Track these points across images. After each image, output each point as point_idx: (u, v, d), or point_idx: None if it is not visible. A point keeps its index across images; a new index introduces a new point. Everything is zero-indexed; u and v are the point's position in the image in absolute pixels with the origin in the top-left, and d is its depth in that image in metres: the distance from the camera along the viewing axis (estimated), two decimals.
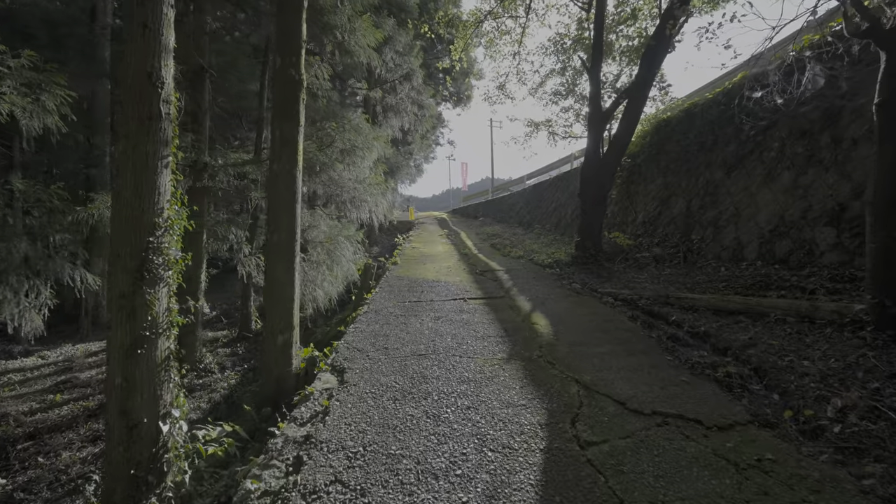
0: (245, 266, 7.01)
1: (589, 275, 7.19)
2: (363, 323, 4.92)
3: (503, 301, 5.77)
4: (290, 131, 4.60)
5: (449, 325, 4.71)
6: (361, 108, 12.35)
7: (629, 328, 4.42)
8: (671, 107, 9.29)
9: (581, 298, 5.77)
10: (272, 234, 4.48)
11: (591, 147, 8.04)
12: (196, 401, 6.15)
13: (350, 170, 7.15)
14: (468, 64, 19.84)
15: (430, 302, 5.83)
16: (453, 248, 11.90)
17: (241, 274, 7.05)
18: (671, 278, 6.19)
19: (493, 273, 7.84)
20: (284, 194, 4.51)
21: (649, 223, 8.51)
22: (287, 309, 4.41)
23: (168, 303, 2.69)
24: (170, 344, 2.74)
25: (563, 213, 13.48)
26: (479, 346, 4.00)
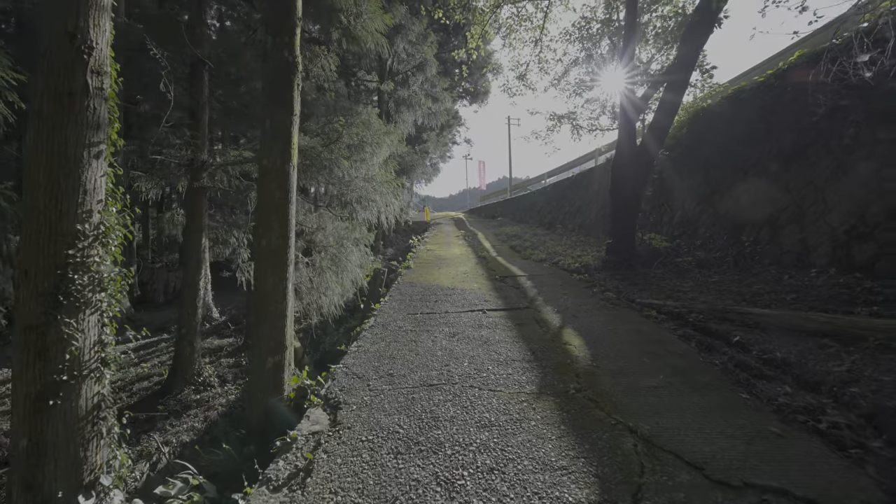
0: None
1: (623, 282, 6.41)
2: (367, 341, 4.29)
3: (527, 313, 5.06)
4: (282, 121, 4.01)
5: (465, 345, 4.04)
6: (373, 104, 11.80)
7: (683, 352, 3.66)
8: (711, 93, 8.39)
9: (618, 311, 5.01)
10: (260, 238, 3.90)
11: (624, 139, 7.24)
12: (191, 420, 5.65)
13: (358, 167, 6.57)
14: (485, 56, 19.11)
15: (445, 314, 5.17)
16: (470, 251, 11.22)
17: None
18: (722, 287, 5.37)
19: (514, 279, 7.12)
20: (275, 193, 3.92)
21: (688, 223, 7.65)
22: (278, 327, 3.81)
23: (99, 334, 2.12)
24: (100, 389, 2.16)
25: (587, 213, 12.64)
26: (502, 375, 3.31)
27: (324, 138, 6.95)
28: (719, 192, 7.15)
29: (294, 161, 4.10)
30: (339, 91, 9.26)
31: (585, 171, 14.00)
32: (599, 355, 3.63)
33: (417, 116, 13.18)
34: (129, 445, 5.11)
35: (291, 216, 4.02)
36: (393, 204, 7.05)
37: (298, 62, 4.16)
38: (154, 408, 5.97)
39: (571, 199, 14.37)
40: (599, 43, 9.71)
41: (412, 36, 10.75)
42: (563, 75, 10.62)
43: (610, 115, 10.55)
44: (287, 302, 3.90)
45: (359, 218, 6.76)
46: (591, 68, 10.41)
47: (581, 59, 10.45)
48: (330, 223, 7.51)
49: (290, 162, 4.03)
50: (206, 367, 6.84)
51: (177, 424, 5.51)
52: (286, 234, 3.94)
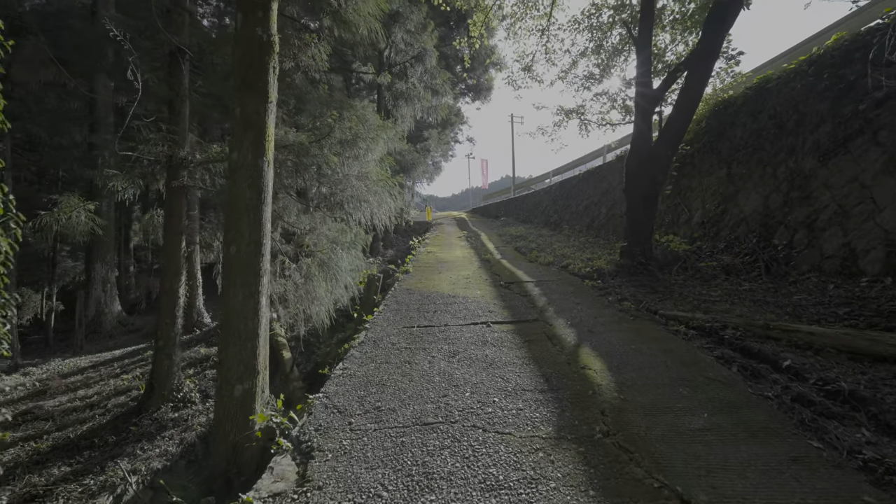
0: None
1: (641, 289, 5.83)
2: (355, 361, 3.74)
3: (537, 326, 4.50)
4: (254, 109, 3.47)
5: (467, 368, 3.48)
6: (371, 99, 11.24)
7: (726, 379, 3.09)
8: (733, 84, 7.79)
9: (639, 324, 4.43)
10: (228, 245, 3.35)
11: (640, 134, 6.66)
12: (165, 442, 5.13)
13: (351, 164, 6.02)
14: (488, 49, 18.47)
15: (444, 327, 4.61)
16: (473, 253, 10.66)
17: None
18: (755, 297, 4.79)
19: (520, 285, 6.56)
20: (246, 193, 3.37)
21: (709, 224, 7.06)
22: (248, 349, 3.27)
23: None
24: None
25: (596, 213, 12.04)
26: (511, 410, 2.75)
27: (314, 133, 6.40)
28: (745, 190, 6.55)
29: (269, 156, 3.55)
30: (335, 85, 8.72)
31: (593, 168, 13.40)
32: (626, 384, 3.06)
33: (417, 111, 12.53)
34: (92, 475, 4.59)
35: (265, 219, 3.47)
36: (388, 204, 6.51)
37: (274, 42, 3.61)
38: (126, 428, 5.45)
39: (579, 199, 13.77)
40: (610, 32, 9.12)
41: (411, 25, 10.16)
42: (570, 67, 10.03)
43: (621, 109, 9.95)
44: (259, 319, 3.35)
45: (351, 219, 6.20)
46: (600, 59, 9.81)
47: (590, 50, 9.86)
48: (323, 225, 6.97)
49: (265, 157, 3.48)
50: (187, 381, 6.31)
51: (149, 448, 4.99)
52: (259, 241, 3.39)
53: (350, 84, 13.13)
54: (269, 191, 3.53)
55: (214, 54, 6.77)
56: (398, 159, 15.90)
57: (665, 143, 6.35)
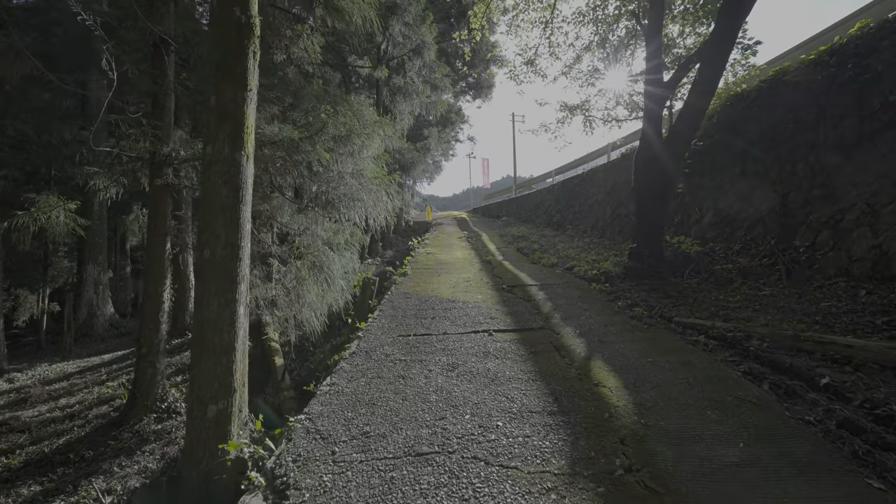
0: None
1: (652, 293, 5.49)
2: (344, 376, 3.41)
3: (543, 336, 4.16)
4: (231, 98, 3.13)
5: (467, 383, 3.15)
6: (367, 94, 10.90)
7: (758, 399, 2.74)
8: (746, 77, 7.43)
9: (654, 333, 4.09)
10: (202, 249, 3.02)
11: (650, 129, 6.32)
12: (146, 458, 4.80)
13: (344, 161, 5.69)
14: (489, 44, 18.11)
15: (443, 336, 4.28)
16: (474, 254, 10.32)
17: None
18: (778, 303, 4.44)
19: (523, 289, 6.22)
20: (222, 191, 3.04)
21: (723, 224, 6.71)
22: (223, 364, 2.93)
23: None
24: None
25: (601, 213, 11.70)
26: (517, 437, 2.42)
27: (306, 129, 6.06)
28: (761, 189, 6.21)
29: (249, 150, 3.21)
30: (332, 81, 8.39)
31: (597, 167, 13.05)
32: (646, 404, 2.72)
33: (415, 106, 12.12)
34: (64, 496, 4.26)
35: (244, 220, 3.14)
36: (384, 203, 6.18)
37: (255, 24, 3.27)
38: (105, 442, 5.13)
39: (582, 198, 13.43)
40: (616, 25, 8.78)
41: (409, 17, 9.82)
42: (574, 62, 9.68)
43: (626, 105, 9.62)
44: (236, 330, 3.01)
45: (343, 219, 5.86)
46: (605, 54, 9.47)
47: (595, 44, 9.52)
48: (315, 225, 6.63)
49: (243, 150, 3.14)
50: (172, 390, 5.99)
51: (127, 464, 4.67)
52: (236, 244, 3.05)
53: (350, 82, 12.80)
54: (248, 188, 3.20)
55: (203, 46, 6.44)
56: (397, 158, 15.56)
57: (677, 138, 6.00)
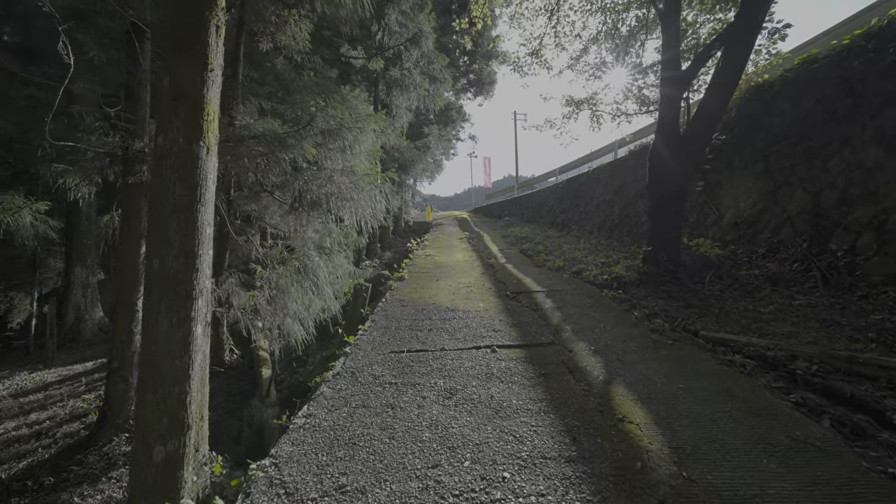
0: None
1: (671, 301, 4.99)
2: (323, 405, 2.92)
3: (553, 353, 3.67)
4: (189, 79, 2.65)
5: (468, 416, 2.66)
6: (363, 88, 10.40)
7: (822, 442, 2.25)
8: (768, 67, 6.93)
9: (680, 350, 3.60)
10: (150, 257, 2.54)
11: (666, 122, 5.82)
12: (111, 486, 4.32)
13: (334, 158, 5.21)
14: (489, 41, 17.61)
15: (440, 353, 3.79)
16: (475, 256, 9.83)
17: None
18: (818, 315, 3.94)
19: (529, 296, 5.72)
20: (175, 188, 2.56)
21: (744, 225, 6.21)
22: (174, 396, 2.46)
23: None
24: None
25: (608, 212, 11.19)
26: (529, 497, 1.93)
27: (295, 123, 5.58)
28: (787, 187, 5.70)
29: (210, 140, 2.73)
30: (323, 73, 7.90)
31: (604, 165, 12.53)
32: (685, 448, 2.23)
33: (412, 100, 11.57)
34: None
35: (203, 223, 2.65)
36: (377, 202, 5.70)
37: None
38: (69, 466, 4.67)
39: (588, 197, 12.92)
40: (626, 13, 8.28)
41: (406, 5, 9.31)
42: (581, 54, 9.19)
43: (636, 99, 9.11)
44: (192, 355, 2.53)
45: (331, 220, 5.38)
46: (614, 45, 8.97)
47: (603, 35, 9.02)
48: (302, 227, 6.15)
49: (202, 141, 2.66)
50: None
51: (90, 493, 4.20)
52: (192, 251, 2.57)
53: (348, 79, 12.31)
54: (208, 186, 2.71)
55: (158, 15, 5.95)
56: (396, 156, 15.09)
57: (696, 131, 5.50)
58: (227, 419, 6.08)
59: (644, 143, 10.51)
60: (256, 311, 5.03)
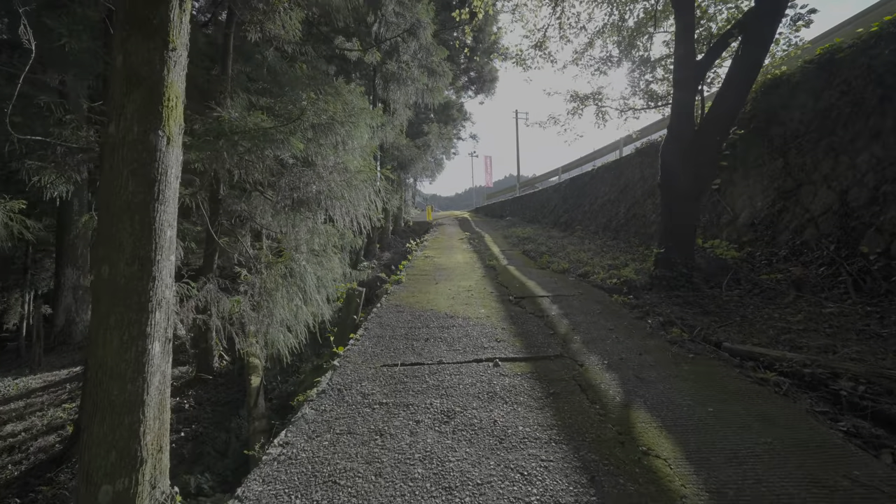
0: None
1: (687, 308, 4.64)
2: (302, 432, 2.57)
3: (563, 367, 3.32)
4: (145, 59, 2.31)
5: (467, 447, 2.31)
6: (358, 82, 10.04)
7: (888, 485, 1.89)
8: (786, 58, 6.56)
9: (705, 366, 3.24)
10: (99, 264, 2.20)
11: (680, 116, 5.46)
12: None
13: (325, 154, 4.86)
14: (490, 36, 17.24)
15: (438, 366, 3.44)
16: (476, 258, 9.48)
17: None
18: (854, 325, 3.58)
19: (533, 301, 5.37)
20: (128, 184, 2.21)
21: (762, 226, 5.84)
22: (125, 426, 2.11)
23: None
24: None
25: (613, 212, 10.83)
26: None
27: (286, 118, 5.23)
28: (809, 185, 5.34)
29: (171, 130, 2.38)
30: (317, 65, 7.56)
31: (609, 163, 12.17)
32: (726, 493, 1.87)
33: (410, 94, 11.13)
34: None
35: (163, 225, 2.30)
36: (373, 202, 5.35)
37: None
38: (38, 485, 4.33)
39: (592, 197, 12.55)
40: (633, 5, 7.92)
41: None
42: (586, 48, 8.83)
43: (643, 94, 8.76)
44: (147, 377, 2.18)
45: (319, 220, 5.01)
46: (621, 38, 8.61)
47: (609, 28, 8.65)
48: (297, 227, 5.80)
49: (161, 130, 2.31)
50: None
51: None
52: (148, 257, 2.22)
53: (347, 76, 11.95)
54: (169, 182, 2.36)
55: None
56: (395, 154, 14.74)
57: (713, 126, 5.14)
58: (213, 431, 5.74)
59: (652, 139, 10.14)
60: (241, 317, 4.68)
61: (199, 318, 4.52)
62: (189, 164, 4.39)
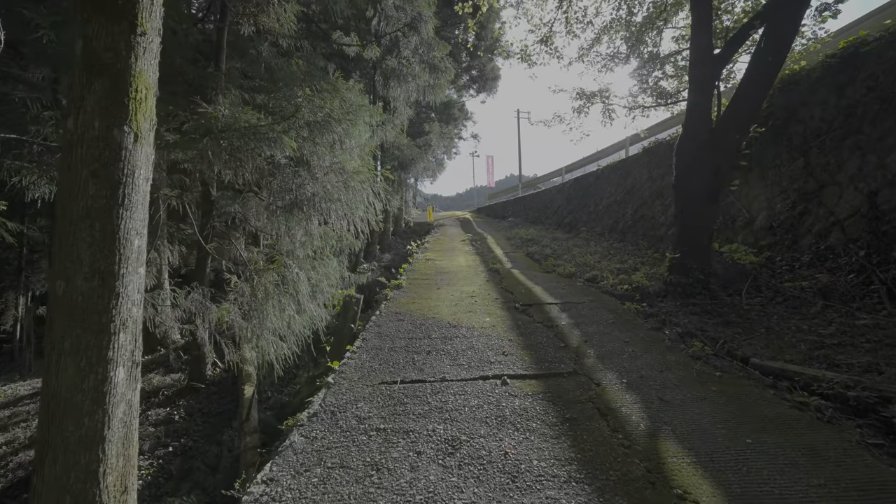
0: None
1: (706, 318, 4.35)
2: (288, 465, 2.29)
3: (578, 387, 3.03)
4: (108, 45, 2.03)
5: (475, 485, 2.03)
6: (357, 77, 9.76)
7: None
8: (805, 53, 6.26)
9: (735, 385, 2.95)
10: (55, 279, 1.92)
11: (696, 112, 5.17)
12: None
13: (320, 153, 4.58)
14: (493, 32, 16.94)
15: (441, 384, 3.16)
16: (479, 260, 9.20)
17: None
18: (892, 340, 3.29)
19: (541, 309, 5.09)
20: (87, 187, 1.94)
21: (782, 229, 5.55)
22: (82, 466, 1.84)
23: None
24: None
25: (619, 214, 10.53)
26: None
27: (279, 115, 4.95)
28: (833, 186, 5.05)
29: (140, 125, 2.10)
30: (315, 61, 7.28)
31: (615, 163, 11.87)
32: None
33: (411, 91, 10.76)
34: None
35: (129, 233, 2.02)
36: (371, 204, 5.06)
37: None
38: None
39: (598, 197, 12.26)
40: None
41: None
42: (592, 44, 8.53)
43: (652, 91, 8.46)
44: (109, 408, 1.90)
45: (313, 223, 4.71)
46: (629, 33, 8.32)
47: (617, 23, 8.36)
48: (295, 231, 5.52)
49: (127, 125, 2.03)
50: None
51: None
52: (110, 270, 1.94)
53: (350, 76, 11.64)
54: (138, 184, 2.08)
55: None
56: (396, 154, 14.46)
57: (732, 123, 4.85)
58: (204, 444, 5.47)
59: (660, 138, 9.84)
60: (231, 326, 4.40)
61: (184, 328, 4.25)
62: (177, 164, 4.11)
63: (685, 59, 8.37)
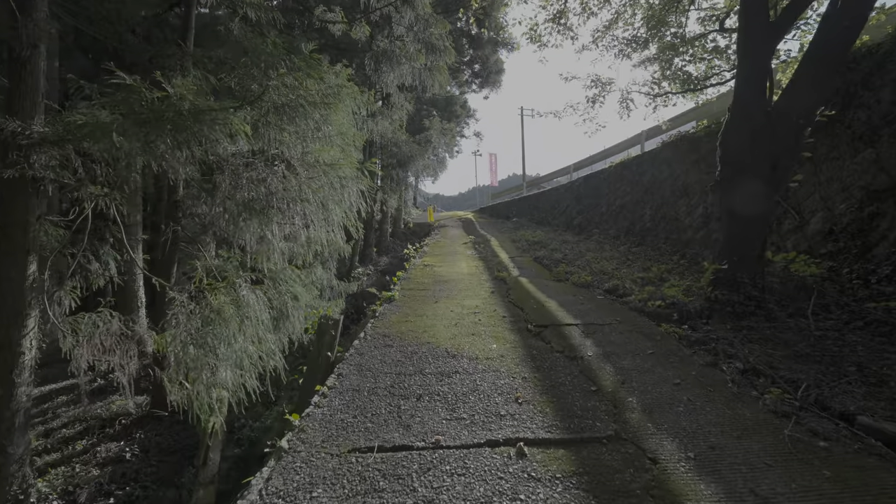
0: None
1: (768, 346, 3.45)
2: None
3: (624, 463, 2.15)
4: None
5: None
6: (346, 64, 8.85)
7: None
8: (866, 27, 5.34)
9: (857, 470, 2.05)
10: None
11: (747, 91, 4.27)
12: None
13: (292, 143, 3.72)
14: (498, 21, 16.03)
15: (432, 455, 2.28)
16: (482, 267, 8.31)
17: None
18: None
19: (558, 332, 4.20)
20: None
21: (845, 235, 4.64)
22: None
23: None
24: None
25: (637, 215, 9.62)
26: None
27: (244, 97, 4.08)
28: None
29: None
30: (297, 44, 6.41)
31: (630, 159, 10.96)
32: None
33: (405, 75, 9.66)
34: None
35: None
36: (351, 206, 4.20)
37: None
38: None
39: (611, 197, 11.34)
40: None
41: None
42: (609, 24, 7.64)
43: (675, 78, 7.56)
44: None
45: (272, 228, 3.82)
46: (651, 13, 7.42)
47: (635, 3, 7.46)
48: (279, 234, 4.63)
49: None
50: (38, 482, 4.08)
51: None
52: None
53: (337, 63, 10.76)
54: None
55: None
56: (394, 151, 13.60)
57: (795, 104, 3.95)
58: (157, 490, 4.60)
59: (683, 130, 8.93)
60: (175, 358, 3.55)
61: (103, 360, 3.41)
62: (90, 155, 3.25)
63: (713, 41, 7.50)
